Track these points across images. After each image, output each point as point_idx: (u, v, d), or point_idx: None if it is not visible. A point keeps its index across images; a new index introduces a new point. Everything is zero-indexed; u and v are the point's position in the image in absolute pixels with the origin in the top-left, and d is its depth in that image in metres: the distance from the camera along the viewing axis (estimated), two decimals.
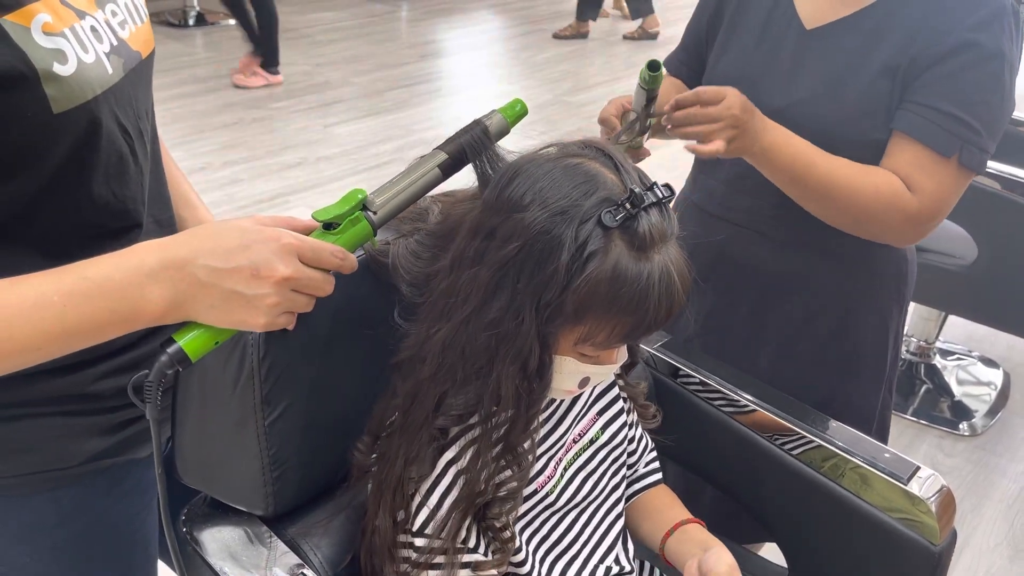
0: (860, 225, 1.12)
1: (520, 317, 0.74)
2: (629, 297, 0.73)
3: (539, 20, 5.96)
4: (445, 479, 0.82)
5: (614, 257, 0.72)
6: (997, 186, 1.93)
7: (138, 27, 0.82)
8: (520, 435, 0.81)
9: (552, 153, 0.79)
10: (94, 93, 0.72)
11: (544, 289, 0.73)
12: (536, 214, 0.73)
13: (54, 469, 0.83)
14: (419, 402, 0.81)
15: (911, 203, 1.07)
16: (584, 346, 0.78)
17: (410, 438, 0.82)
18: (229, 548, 0.87)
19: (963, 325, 2.55)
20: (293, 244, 0.66)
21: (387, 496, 0.83)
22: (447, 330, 0.78)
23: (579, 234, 0.72)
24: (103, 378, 0.83)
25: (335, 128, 3.94)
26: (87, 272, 0.64)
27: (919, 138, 1.07)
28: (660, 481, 1.07)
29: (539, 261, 0.72)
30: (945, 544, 1.00)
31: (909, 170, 1.07)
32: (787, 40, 1.17)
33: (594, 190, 0.74)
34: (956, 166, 1.07)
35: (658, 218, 0.74)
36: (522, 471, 0.83)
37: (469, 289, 0.76)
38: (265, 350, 0.81)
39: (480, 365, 0.78)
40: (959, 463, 2.23)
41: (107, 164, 0.76)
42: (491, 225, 0.76)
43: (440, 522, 0.81)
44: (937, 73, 1.06)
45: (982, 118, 1.06)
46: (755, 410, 1.13)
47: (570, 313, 0.74)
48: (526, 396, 0.78)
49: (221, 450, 0.87)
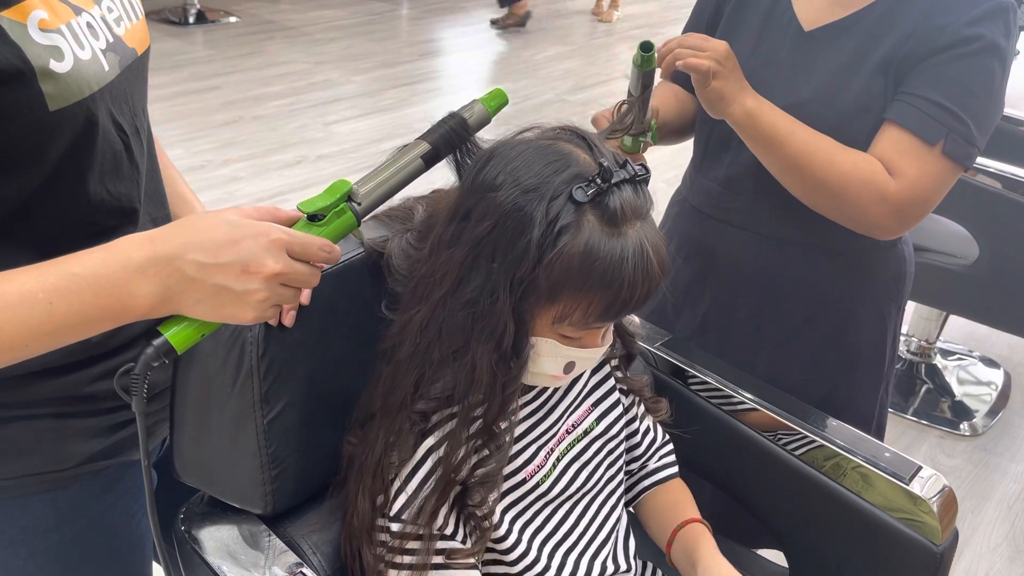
0: (838, 204, 1.09)
1: (495, 295, 0.75)
2: (602, 272, 0.73)
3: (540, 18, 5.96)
4: (425, 466, 0.82)
5: (586, 232, 0.73)
6: (998, 185, 1.93)
7: (134, 24, 0.81)
8: (497, 415, 0.81)
9: (527, 136, 0.81)
10: (91, 90, 0.71)
11: (517, 265, 0.74)
12: (508, 192, 0.74)
13: (49, 471, 0.82)
14: (397, 384, 0.82)
15: (889, 184, 1.06)
16: (562, 326, 0.78)
17: (390, 422, 0.82)
18: (228, 547, 0.86)
19: (964, 325, 2.54)
20: (282, 239, 0.66)
21: (367, 479, 0.83)
22: (425, 311, 0.79)
23: (550, 210, 0.73)
24: (98, 380, 0.83)
25: (335, 126, 3.93)
26: (73, 268, 0.64)
27: (903, 124, 1.06)
28: (674, 476, 1.06)
29: (512, 238, 0.73)
30: (947, 544, 1.00)
31: (892, 155, 1.07)
32: (786, 41, 1.17)
33: (566, 167, 0.75)
34: (940, 155, 1.06)
35: (631, 194, 0.75)
36: (500, 452, 0.83)
37: (445, 270, 0.77)
38: (264, 348, 0.81)
39: (457, 346, 0.78)
40: (960, 463, 2.22)
41: (103, 162, 0.76)
42: (467, 207, 0.77)
43: (418, 507, 0.81)
44: (928, 64, 1.06)
45: (969, 109, 1.05)
46: (757, 409, 1.12)
47: (544, 290, 0.74)
48: (502, 375, 0.78)
49: (220, 448, 0.86)
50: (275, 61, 4.68)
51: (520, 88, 4.58)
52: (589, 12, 6.27)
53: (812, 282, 1.24)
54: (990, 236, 2.03)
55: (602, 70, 5.03)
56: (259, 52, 4.79)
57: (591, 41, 5.64)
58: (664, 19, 5.87)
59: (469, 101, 0.83)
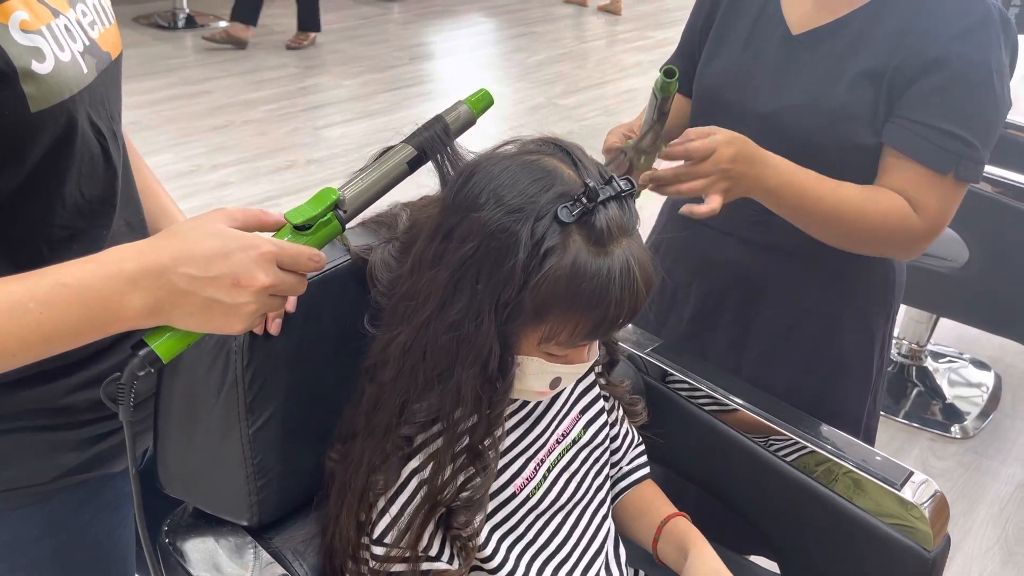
0: (863, 247, 1.13)
1: (479, 318, 0.73)
2: (589, 293, 0.72)
3: (531, 23, 5.96)
4: (408, 488, 0.81)
5: (572, 253, 0.71)
6: (988, 188, 1.93)
7: (107, 28, 0.81)
8: (483, 437, 0.80)
9: (509, 151, 0.79)
10: (71, 92, 0.71)
11: (502, 288, 0.72)
12: (492, 213, 0.72)
13: (28, 485, 0.81)
14: (382, 406, 0.80)
15: (916, 225, 1.07)
16: (549, 345, 0.77)
17: (374, 444, 0.81)
18: (213, 559, 0.85)
19: (954, 327, 2.55)
20: (272, 252, 0.66)
21: (352, 499, 0.82)
22: (408, 333, 0.77)
23: (535, 231, 0.71)
24: (74, 391, 0.82)
25: (326, 131, 3.92)
26: (64, 279, 0.63)
27: (915, 157, 1.06)
28: (646, 477, 1.06)
29: (496, 260, 0.72)
30: (939, 550, 0.99)
31: (911, 190, 1.07)
32: (773, 45, 1.17)
33: (550, 186, 0.73)
34: (953, 181, 1.07)
35: (617, 212, 0.74)
36: (486, 474, 0.82)
37: (428, 291, 0.76)
38: (249, 358, 0.80)
39: (442, 368, 0.77)
40: (951, 466, 2.23)
41: (80, 165, 0.75)
42: (449, 226, 0.75)
43: (401, 530, 0.80)
44: (927, 86, 1.06)
45: (977, 131, 1.05)
46: (748, 415, 1.12)
47: (530, 312, 0.73)
48: (487, 398, 0.77)
49: (205, 459, 0.85)
50: (265, 65, 4.66)
51: (511, 92, 4.58)
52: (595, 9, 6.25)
53: (796, 289, 1.24)
54: (980, 239, 2.03)
55: (593, 74, 5.03)
56: (249, 56, 4.77)
57: (581, 45, 5.64)
58: (659, 22, 5.88)
59: (454, 102, 0.82)
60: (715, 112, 1.17)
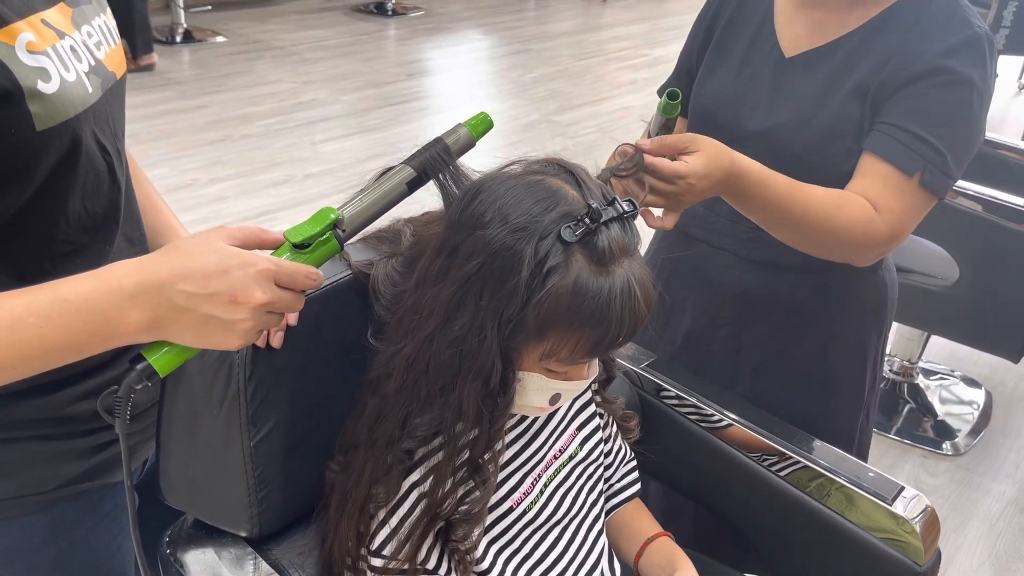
0: (829, 253, 1.11)
1: (482, 334, 0.75)
2: (591, 311, 0.73)
3: (527, 40, 6.00)
4: (408, 500, 0.82)
5: (574, 272, 0.73)
6: (978, 208, 1.96)
7: (112, 48, 0.83)
8: (483, 451, 0.81)
9: (515, 170, 0.80)
10: (76, 111, 0.73)
11: (505, 305, 0.74)
12: (497, 231, 0.74)
13: (30, 494, 0.82)
14: (384, 419, 0.81)
15: (880, 229, 1.06)
16: (549, 362, 0.78)
17: (376, 456, 0.82)
18: (213, 570, 0.86)
19: (945, 345, 2.57)
20: (270, 270, 0.67)
21: (352, 510, 0.83)
22: (411, 347, 0.79)
23: (539, 249, 0.73)
24: (77, 401, 0.83)
25: (322, 146, 3.94)
26: (64, 294, 0.64)
27: (884, 156, 1.07)
28: (636, 495, 1.07)
29: (500, 277, 0.73)
30: (930, 564, 1.00)
31: (877, 189, 1.07)
32: (767, 66, 1.19)
33: (554, 206, 0.74)
34: (917, 186, 1.06)
35: (619, 232, 0.75)
36: (486, 487, 0.83)
37: (433, 306, 0.77)
38: (251, 370, 0.81)
39: (444, 383, 0.78)
40: (942, 483, 2.24)
41: (85, 182, 0.77)
42: (454, 243, 0.77)
43: (400, 542, 0.81)
44: (907, 93, 1.07)
45: (946, 141, 1.06)
46: (742, 430, 1.13)
47: (532, 329, 0.75)
48: (488, 412, 0.79)
49: (206, 470, 0.86)
50: (262, 80, 4.68)
51: (507, 108, 4.61)
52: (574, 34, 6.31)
53: (789, 305, 1.25)
54: (970, 257, 2.05)
55: (587, 91, 5.07)
56: (246, 71, 4.79)
57: (576, 63, 5.68)
58: (651, 40, 5.93)
59: (454, 125, 0.83)
60: (710, 132, 1.19)
